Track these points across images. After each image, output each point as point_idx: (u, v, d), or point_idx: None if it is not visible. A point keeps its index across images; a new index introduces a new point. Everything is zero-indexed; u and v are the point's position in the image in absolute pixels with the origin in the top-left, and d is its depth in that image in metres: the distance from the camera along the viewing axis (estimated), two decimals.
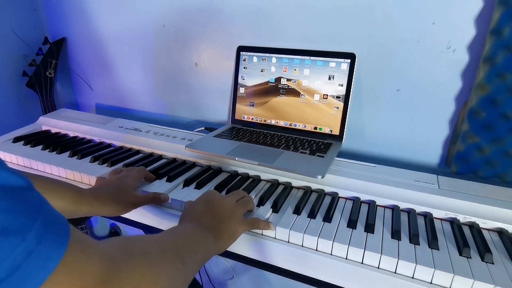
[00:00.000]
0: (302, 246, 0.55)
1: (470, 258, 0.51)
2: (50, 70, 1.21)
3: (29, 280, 0.22)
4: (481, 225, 0.59)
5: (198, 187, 0.68)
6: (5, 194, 0.22)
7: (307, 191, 0.68)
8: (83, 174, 0.74)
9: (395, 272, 0.50)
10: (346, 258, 0.52)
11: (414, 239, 0.54)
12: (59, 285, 0.24)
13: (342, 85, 0.82)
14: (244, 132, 0.88)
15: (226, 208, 0.53)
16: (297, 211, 0.61)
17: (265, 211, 0.61)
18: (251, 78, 0.92)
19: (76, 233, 0.26)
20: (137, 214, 0.68)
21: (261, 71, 0.91)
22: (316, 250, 0.54)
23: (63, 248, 0.24)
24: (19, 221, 0.22)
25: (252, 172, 0.75)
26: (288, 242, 0.56)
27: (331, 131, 0.84)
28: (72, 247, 0.25)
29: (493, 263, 0.50)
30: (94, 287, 0.26)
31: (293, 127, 0.89)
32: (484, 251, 0.51)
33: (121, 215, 0.71)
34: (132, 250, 0.34)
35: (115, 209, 0.60)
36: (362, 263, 0.52)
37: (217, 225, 0.50)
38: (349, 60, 0.80)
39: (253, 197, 0.66)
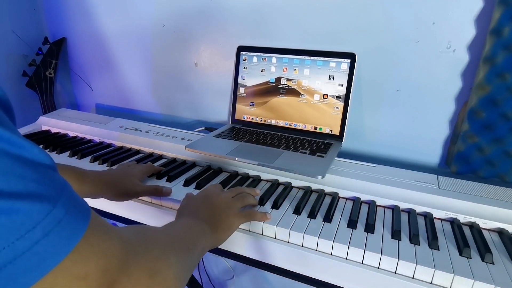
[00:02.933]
0: (302, 246, 0.55)
1: (470, 258, 0.51)
2: (50, 70, 1.21)
3: (59, 246, 0.23)
4: (481, 225, 0.59)
5: (198, 187, 0.68)
6: (35, 168, 0.23)
7: (307, 191, 0.68)
8: None
9: (395, 273, 0.50)
10: (346, 258, 0.52)
11: (414, 239, 0.54)
12: (86, 263, 0.24)
13: (342, 85, 0.82)
14: (244, 132, 0.88)
15: (222, 202, 0.55)
16: (297, 211, 0.61)
17: (265, 211, 0.61)
18: (251, 78, 0.92)
19: (96, 216, 0.28)
20: (138, 214, 0.68)
21: (261, 71, 0.91)
22: (316, 250, 0.54)
23: (86, 225, 0.25)
24: (49, 191, 0.23)
25: (252, 172, 0.75)
26: (288, 242, 0.56)
27: (331, 131, 0.84)
28: (94, 227, 0.26)
29: (493, 263, 0.50)
30: (117, 267, 0.27)
31: (293, 127, 0.89)
32: (484, 251, 0.51)
33: (121, 215, 0.71)
34: (146, 236, 0.36)
35: (116, 193, 0.61)
36: (362, 263, 0.52)
37: (214, 218, 0.52)
38: (349, 60, 0.80)
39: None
